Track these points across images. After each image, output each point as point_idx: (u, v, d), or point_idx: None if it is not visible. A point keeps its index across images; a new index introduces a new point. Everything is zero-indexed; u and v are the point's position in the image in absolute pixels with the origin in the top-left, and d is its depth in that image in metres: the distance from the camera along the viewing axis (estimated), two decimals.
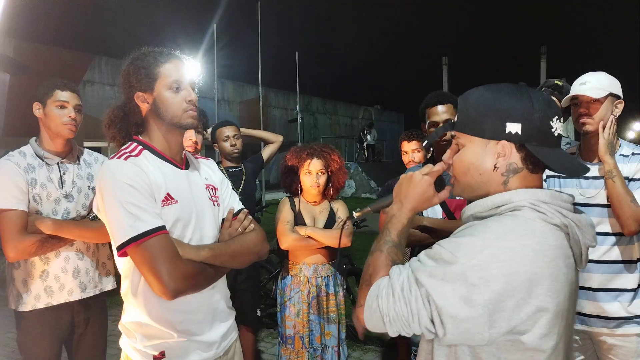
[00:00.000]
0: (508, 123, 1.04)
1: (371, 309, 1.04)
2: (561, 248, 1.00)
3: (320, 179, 2.76)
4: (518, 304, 0.94)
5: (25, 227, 2.05)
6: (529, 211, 1.02)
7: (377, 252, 1.14)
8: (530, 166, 1.07)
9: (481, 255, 0.95)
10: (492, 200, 1.06)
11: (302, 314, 2.72)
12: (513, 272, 0.94)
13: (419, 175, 1.20)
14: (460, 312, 0.94)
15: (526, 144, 1.05)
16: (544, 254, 0.97)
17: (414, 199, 1.19)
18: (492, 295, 0.93)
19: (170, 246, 1.39)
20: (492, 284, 0.93)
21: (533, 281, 0.94)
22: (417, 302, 0.97)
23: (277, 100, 22.41)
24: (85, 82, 13.39)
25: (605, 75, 2.07)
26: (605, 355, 2.07)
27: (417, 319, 0.98)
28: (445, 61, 12.59)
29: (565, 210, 1.04)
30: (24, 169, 2.10)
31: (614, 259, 2.01)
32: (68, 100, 2.18)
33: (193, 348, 1.52)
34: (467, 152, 1.11)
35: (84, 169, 2.30)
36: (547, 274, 0.96)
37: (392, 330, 1.02)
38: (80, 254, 2.22)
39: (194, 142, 2.43)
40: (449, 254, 0.98)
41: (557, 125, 1.06)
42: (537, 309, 0.94)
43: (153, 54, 1.53)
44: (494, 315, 0.93)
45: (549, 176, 2.21)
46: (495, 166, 1.07)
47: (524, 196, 1.03)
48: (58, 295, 2.17)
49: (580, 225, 1.05)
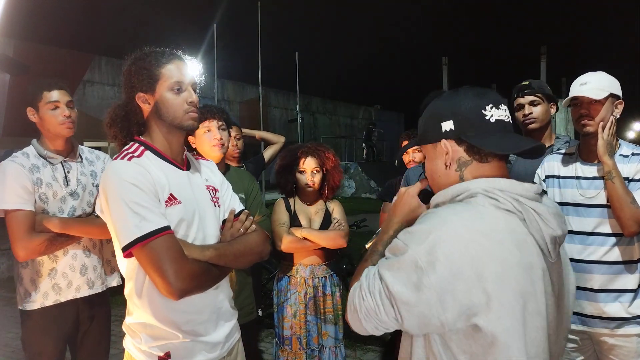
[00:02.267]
0: (442, 123, 1.13)
1: (350, 310, 1.10)
2: (513, 232, 1.02)
3: (315, 177, 2.75)
4: (467, 286, 0.96)
5: (33, 227, 2.07)
6: (482, 198, 1.06)
7: (363, 263, 1.20)
8: (477, 156, 1.12)
9: (428, 240, 0.99)
10: (452, 190, 1.11)
11: (299, 315, 2.71)
12: (459, 254, 0.97)
13: (403, 190, 1.29)
14: (412, 297, 0.98)
15: (462, 136, 1.11)
16: (491, 236, 0.99)
17: (400, 211, 1.26)
18: (439, 278, 0.96)
19: (176, 246, 1.39)
20: (438, 267, 0.96)
21: (479, 263, 0.97)
22: (380, 295, 1.02)
23: (277, 100, 22.40)
24: (85, 82, 13.37)
25: (605, 76, 2.06)
26: (606, 355, 2.07)
27: (382, 310, 1.02)
28: (445, 61, 12.59)
29: (525, 198, 1.06)
30: (28, 170, 2.11)
31: (614, 259, 2.01)
32: (59, 100, 2.19)
33: (198, 349, 1.52)
34: (427, 160, 1.22)
35: (86, 166, 2.32)
36: (495, 256, 0.98)
37: (369, 327, 1.07)
38: (87, 251, 2.25)
39: (219, 139, 2.40)
40: (402, 244, 1.03)
41: (492, 112, 1.10)
42: (485, 291, 0.96)
43: (155, 55, 1.53)
44: (443, 297, 0.96)
45: (548, 176, 2.21)
46: (446, 165, 1.14)
47: (480, 184, 1.08)
48: (66, 292, 2.20)
49: (541, 213, 1.06)
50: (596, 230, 2.03)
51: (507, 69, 22.40)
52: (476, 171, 1.12)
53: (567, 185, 2.13)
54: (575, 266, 2.06)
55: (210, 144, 2.39)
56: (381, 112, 30.53)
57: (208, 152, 2.36)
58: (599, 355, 2.12)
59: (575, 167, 2.13)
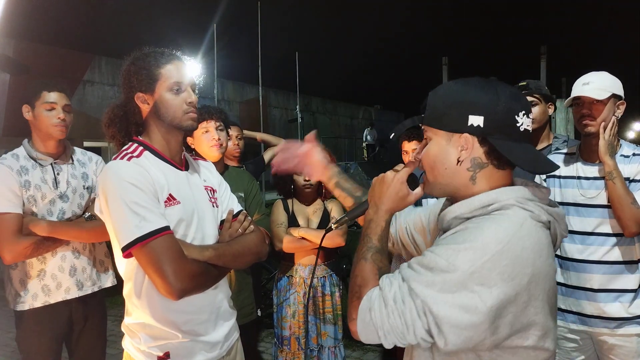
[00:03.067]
0: (470, 116, 1.02)
1: (364, 323, 1.00)
2: (550, 246, 1.01)
3: None
4: (520, 308, 0.93)
5: (20, 230, 2.05)
6: (518, 210, 1.00)
7: (361, 261, 1.10)
8: (495, 161, 1.04)
9: (482, 261, 0.92)
10: (479, 201, 1.03)
11: (298, 315, 2.71)
12: (515, 276, 0.92)
13: (390, 175, 1.17)
14: (462, 321, 0.91)
15: (488, 137, 1.02)
16: (541, 253, 0.96)
17: (388, 199, 1.15)
18: (494, 302, 0.91)
19: (175, 246, 1.39)
20: (495, 291, 0.91)
21: (532, 283, 0.94)
22: (411, 313, 0.95)
23: (277, 100, 22.40)
24: (85, 82, 13.37)
25: (608, 76, 2.05)
26: (606, 355, 2.07)
27: (412, 331, 0.95)
28: (445, 61, 12.56)
29: (547, 206, 1.04)
30: (16, 172, 2.10)
31: (614, 259, 2.01)
32: (56, 102, 2.18)
33: (198, 349, 1.52)
34: (432, 145, 1.09)
35: (78, 168, 2.30)
36: (543, 273, 0.96)
37: (387, 343, 0.99)
38: (77, 252, 2.24)
39: (217, 139, 2.40)
40: (444, 262, 0.94)
41: (523, 120, 1.03)
42: (536, 310, 0.94)
43: (154, 55, 1.52)
44: (496, 321, 0.92)
45: (549, 176, 2.21)
46: (458, 160, 1.05)
47: (511, 194, 1.02)
48: (55, 293, 2.18)
49: (559, 219, 1.06)
50: (597, 230, 2.03)
51: (507, 69, 22.44)
52: (491, 177, 1.05)
53: (567, 185, 2.13)
54: (575, 266, 2.07)
55: (209, 145, 2.39)
56: (381, 112, 30.53)
57: (206, 152, 2.35)
58: (599, 354, 2.12)
59: (576, 167, 2.12)
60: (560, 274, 2.15)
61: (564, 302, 2.13)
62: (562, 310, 2.14)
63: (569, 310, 2.12)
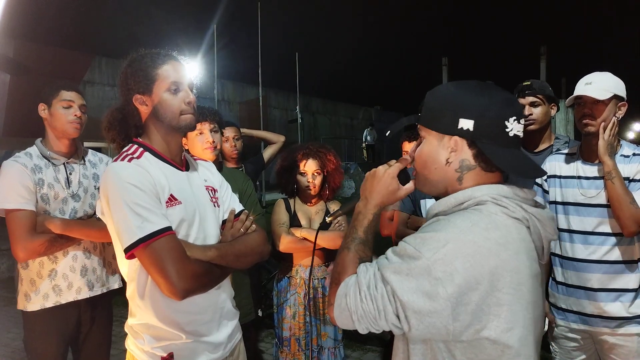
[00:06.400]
0: (461, 119, 1.05)
1: (340, 308, 1.05)
2: (524, 241, 1.02)
3: (316, 180, 2.74)
4: (482, 297, 0.95)
5: (34, 227, 2.06)
6: (491, 205, 1.03)
7: (344, 250, 1.14)
8: (483, 164, 1.07)
9: (445, 249, 0.96)
10: (455, 198, 1.07)
11: (298, 316, 2.71)
12: (477, 265, 0.95)
13: (381, 170, 1.21)
14: (424, 307, 0.95)
15: (477, 141, 1.05)
16: (507, 247, 0.98)
17: (378, 193, 1.19)
18: (455, 289, 0.94)
19: (178, 246, 1.39)
20: (456, 278, 0.94)
21: (496, 274, 0.95)
22: (382, 298, 0.99)
23: (277, 100, 22.39)
24: (85, 83, 13.36)
25: (611, 76, 2.05)
26: (607, 354, 2.07)
27: (383, 316, 0.99)
28: (445, 61, 12.54)
29: (526, 204, 1.05)
30: (31, 170, 2.11)
31: (614, 259, 2.01)
32: (73, 100, 2.20)
33: (201, 349, 1.52)
34: (425, 145, 1.13)
35: (89, 169, 2.32)
36: (510, 267, 0.97)
37: (361, 327, 1.03)
38: (88, 252, 2.25)
39: (211, 142, 2.41)
40: (413, 250, 0.99)
41: (514, 126, 1.05)
42: (499, 302, 0.95)
43: (150, 56, 1.53)
44: (457, 308, 0.94)
45: (550, 176, 2.21)
46: (447, 160, 1.09)
47: (486, 191, 1.04)
48: (66, 293, 2.19)
49: (541, 219, 1.06)
50: (597, 229, 2.04)
51: (507, 69, 22.40)
52: (477, 178, 1.08)
53: (568, 185, 2.13)
54: (576, 265, 2.08)
55: (203, 147, 2.40)
56: (381, 112, 30.53)
57: (200, 154, 2.35)
58: (600, 354, 2.12)
59: (576, 167, 2.13)
60: (560, 274, 2.15)
61: (564, 301, 2.14)
62: (563, 310, 2.15)
63: (569, 310, 2.12)
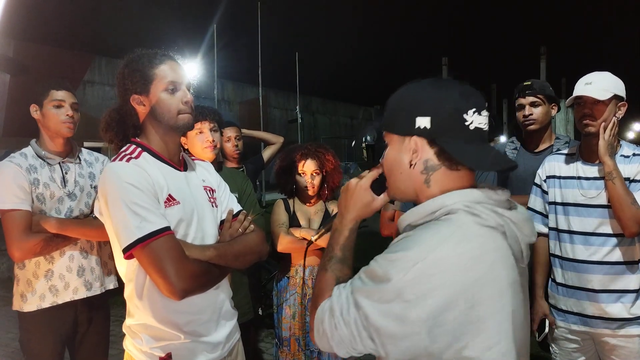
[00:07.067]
0: (417, 117, 0.99)
1: (319, 333, 1.01)
2: (499, 250, 0.96)
3: (315, 180, 2.73)
4: (460, 315, 0.89)
5: (29, 227, 2.05)
6: (463, 214, 0.96)
7: (322, 271, 1.10)
8: (447, 162, 1.00)
9: (414, 270, 0.89)
10: (424, 208, 1.00)
11: (298, 316, 2.70)
12: (450, 283, 0.89)
13: (353, 183, 1.16)
14: (398, 331, 0.90)
15: (437, 139, 0.99)
16: (481, 259, 0.92)
17: (353, 208, 1.14)
18: (428, 311, 0.88)
19: (177, 246, 1.39)
20: (429, 299, 0.88)
21: (471, 290, 0.89)
22: (356, 324, 0.94)
23: (277, 100, 22.41)
24: (85, 82, 13.38)
25: (611, 76, 2.04)
26: (607, 356, 2.07)
27: (359, 341, 0.94)
28: (445, 61, 12.56)
29: (501, 208, 0.99)
30: (26, 170, 2.11)
31: (615, 260, 2.00)
32: (64, 99, 2.19)
33: (200, 349, 1.52)
34: (389, 150, 1.07)
35: (85, 168, 2.31)
36: (486, 279, 0.91)
37: (341, 352, 0.99)
38: (85, 252, 2.24)
39: (211, 141, 2.41)
40: (382, 272, 0.93)
41: (474, 119, 0.98)
42: (480, 318, 0.90)
43: (147, 56, 1.52)
44: (433, 330, 0.89)
45: (549, 177, 2.21)
46: (410, 163, 1.02)
47: (457, 198, 0.98)
48: (63, 294, 2.18)
49: (517, 221, 1.00)
50: (597, 230, 2.03)
51: (507, 69, 22.22)
52: (445, 178, 1.01)
53: (568, 186, 2.13)
54: (576, 266, 2.07)
55: (202, 146, 2.39)
56: (381, 112, 30.52)
57: (200, 153, 2.35)
58: (600, 355, 2.11)
59: (576, 167, 2.12)
60: (560, 275, 2.14)
61: (565, 302, 2.13)
62: (563, 311, 2.14)
63: (570, 311, 2.11)
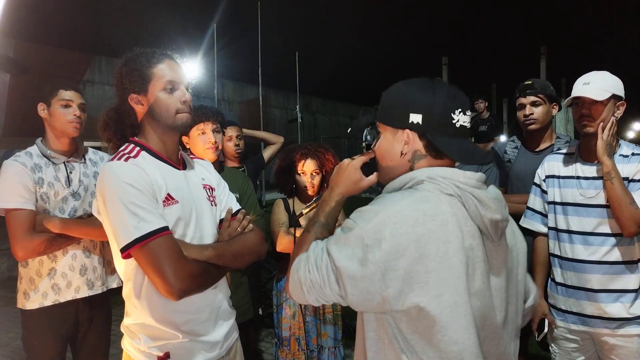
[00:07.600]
0: (411, 114, 1.15)
1: (293, 281, 1.13)
2: (455, 215, 1.07)
3: (315, 180, 2.74)
4: (409, 263, 1.01)
5: (33, 226, 2.07)
6: (427, 184, 1.11)
7: (305, 232, 1.25)
8: (433, 153, 1.16)
9: (376, 219, 1.04)
10: (399, 180, 1.16)
11: (298, 316, 2.71)
12: (403, 232, 1.02)
13: (346, 162, 1.32)
14: (357, 272, 1.03)
15: (427, 133, 1.15)
16: (433, 217, 1.04)
17: (342, 183, 1.30)
18: (383, 254, 1.01)
19: (175, 246, 1.39)
20: (383, 244, 1.01)
21: (422, 242, 1.02)
22: (327, 268, 1.07)
23: (277, 100, 22.41)
24: (85, 82, 13.36)
25: (609, 76, 2.04)
26: (607, 355, 2.07)
27: (327, 284, 1.07)
28: (445, 61, 12.54)
29: (464, 185, 1.11)
30: (30, 169, 2.12)
31: (614, 259, 2.01)
32: (72, 99, 2.21)
33: (198, 349, 1.52)
34: (383, 140, 1.23)
35: (90, 167, 2.33)
36: (435, 236, 1.03)
37: (311, 299, 1.11)
38: (87, 251, 2.25)
39: (213, 142, 2.41)
40: (351, 222, 1.08)
41: (459, 118, 1.15)
42: (427, 269, 1.01)
43: (145, 55, 1.52)
44: (387, 274, 1.01)
45: (548, 176, 2.21)
46: (402, 152, 1.18)
47: (426, 172, 1.13)
48: (65, 292, 2.20)
49: (480, 197, 1.10)
50: (596, 230, 2.03)
51: (507, 69, 22.19)
52: (427, 165, 1.17)
53: (567, 185, 2.13)
54: (576, 266, 2.07)
55: (204, 147, 2.40)
56: None
57: (201, 154, 2.36)
58: (600, 355, 2.12)
59: (575, 167, 2.12)
60: (560, 274, 2.15)
61: (564, 302, 2.13)
62: (563, 311, 2.14)
63: (569, 311, 2.12)
